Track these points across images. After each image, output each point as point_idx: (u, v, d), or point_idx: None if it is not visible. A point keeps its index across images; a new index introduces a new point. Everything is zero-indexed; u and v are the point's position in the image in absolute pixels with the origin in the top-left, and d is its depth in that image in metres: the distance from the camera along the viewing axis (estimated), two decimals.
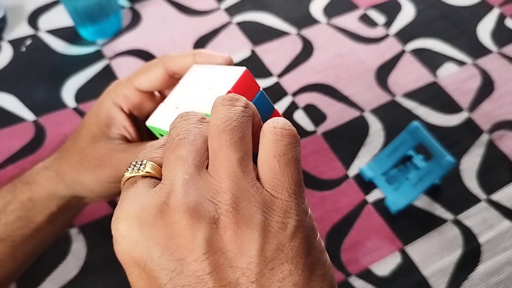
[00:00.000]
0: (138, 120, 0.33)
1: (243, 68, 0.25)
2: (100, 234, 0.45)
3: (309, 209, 0.19)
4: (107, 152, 0.30)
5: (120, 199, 0.19)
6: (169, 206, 0.17)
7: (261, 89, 0.26)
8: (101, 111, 0.31)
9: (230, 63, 0.29)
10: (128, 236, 0.18)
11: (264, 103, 0.26)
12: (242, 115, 0.19)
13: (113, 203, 0.47)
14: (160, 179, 0.19)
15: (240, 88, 0.25)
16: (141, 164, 0.20)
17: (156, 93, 0.34)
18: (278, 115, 0.26)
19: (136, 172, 0.20)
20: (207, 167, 0.19)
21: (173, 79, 0.31)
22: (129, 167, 0.20)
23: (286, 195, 0.18)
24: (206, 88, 0.27)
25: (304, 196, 0.19)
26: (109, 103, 0.31)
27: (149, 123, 0.28)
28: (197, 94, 0.27)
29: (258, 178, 0.19)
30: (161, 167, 0.20)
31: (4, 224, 0.32)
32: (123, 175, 0.21)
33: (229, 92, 0.25)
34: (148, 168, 0.20)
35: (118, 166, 0.30)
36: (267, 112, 0.26)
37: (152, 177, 0.20)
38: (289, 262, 0.17)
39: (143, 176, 0.20)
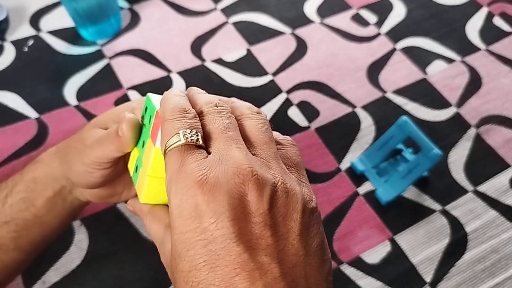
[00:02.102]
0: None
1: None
2: (101, 225, 0.47)
3: None
4: (95, 135, 0.32)
5: (182, 163, 0.22)
6: (242, 174, 0.22)
7: None
8: (117, 109, 0.33)
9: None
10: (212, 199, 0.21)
11: None
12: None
13: None
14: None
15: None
16: (195, 134, 0.23)
17: None
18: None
19: (194, 141, 0.23)
20: None
21: None
22: (181, 134, 0.23)
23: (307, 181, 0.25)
24: None
25: None
26: (129, 108, 0.33)
27: (151, 95, 0.29)
28: None
29: None
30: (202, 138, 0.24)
31: (10, 205, 0.34)
32: (169, 139, 0.23)
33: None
34: (201, 139, 0.23)
35: (97, 149, 0.31)
36: None
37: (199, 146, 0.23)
38: (318, 223, 0.23)
39: (197, 146, 0.23)
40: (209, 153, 0.23)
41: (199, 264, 0.21)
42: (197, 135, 0.23)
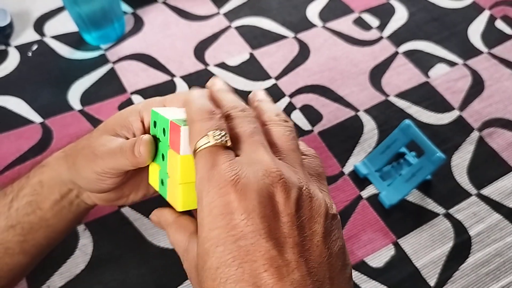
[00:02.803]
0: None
1: None
2: (105, 230, 0.47)
3: None
4: (105, 143, 0.31)
5: (213, 163, 0.23)
6: (271, 176, 0.23)
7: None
8: (123, 115, 0.33)
9: None
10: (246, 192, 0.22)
11: None
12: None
13: None
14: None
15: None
16: (224, 136, 0.24)
17: None
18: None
19: (222, 142, 0.24)
20: None
21: None
22: (210, 135, 0.24)
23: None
24: None
25: None
26: (135, 112, 0.33)
27: (154, 108, 0.30)
28: None
29: None
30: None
31: (16, 209, 0.34)
32: (198, 141, 0.24)
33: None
34: (229, 140, 0.24)
35: (106, 159, 0.31)
36: None
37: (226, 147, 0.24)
38: (339, 229, 0.24)
39: (226, 147, 0.24)
40: (236, 155, 0.24)
41: (228, 260, 0.21)
42: (226, 137, 0.24)
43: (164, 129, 0.28)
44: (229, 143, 0.24)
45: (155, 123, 0.30)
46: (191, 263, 0.25)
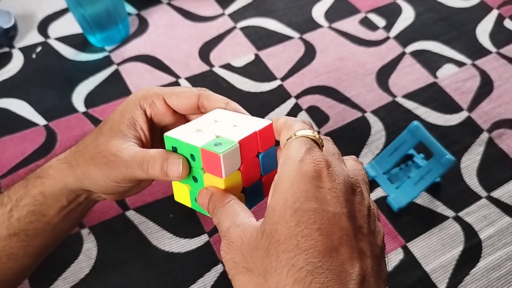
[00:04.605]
0: (154, 127, 0.34)
1: (270, 121, 0.29)
2: (110, 234, 0.47)
3: None
4: (117, 152, 0.31)
5: (311, 147, 0.25)
6: (356, 178, 0.25)
7: (275, 145, 0.30)
8: (126, 111, 0.33)
9: None
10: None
11: (272, 157, 0.30)
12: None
13: (122, 205, 0.48)
14: None
15: (264, 134, 0.28)
16: (320, 137, 0.26)
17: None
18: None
19: (319, 141, 0.25)
20: None
21: (197, 111, 0.33)
22: (310, 130, 0.26)
23: None
24: (231, 125, 0.29)
25: None
26: (136, 105, 0.33)
27: (168, 134, 0.30)
28: (222, 126, 0.30)
29: None
30: None
31: (17, 218, 0.33)
32: (300, 130, 0.26)
33: (255, 133, 0.28)
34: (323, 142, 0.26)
35: (123, 170, 0.31)
36: (271, 167, 0.30)
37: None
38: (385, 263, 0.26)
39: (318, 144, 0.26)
40: None
41: (310, 219, 0.22)
42: (320, 139, 0.26)
43: (192, 154, 0.28)
44: (322, 144, 0.26)
45: (174, 148, 0.30)
46: (245, 229, 0.25)
